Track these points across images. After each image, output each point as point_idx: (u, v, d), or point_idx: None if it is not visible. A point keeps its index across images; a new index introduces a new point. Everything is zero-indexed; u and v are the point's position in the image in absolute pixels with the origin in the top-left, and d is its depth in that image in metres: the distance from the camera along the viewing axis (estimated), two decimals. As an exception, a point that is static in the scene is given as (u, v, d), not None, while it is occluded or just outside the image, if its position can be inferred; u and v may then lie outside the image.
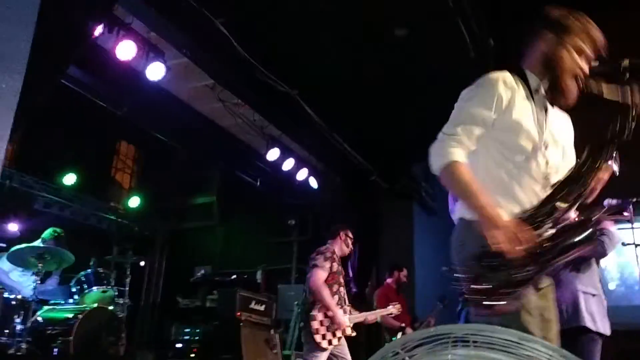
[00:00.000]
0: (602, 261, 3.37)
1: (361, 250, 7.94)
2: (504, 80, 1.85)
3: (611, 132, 1.76)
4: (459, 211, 1.91)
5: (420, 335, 1.31)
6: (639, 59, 1.80)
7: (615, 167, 1.91)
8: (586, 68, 1.86)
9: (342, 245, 4.72)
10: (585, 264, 3.20)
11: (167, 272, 9.02)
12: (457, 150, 1.79)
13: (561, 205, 1.74)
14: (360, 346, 6.61)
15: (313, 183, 7.40)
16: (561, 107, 1.97)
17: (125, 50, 4.71)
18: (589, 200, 1.99)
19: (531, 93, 1.90)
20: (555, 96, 1.91)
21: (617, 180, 2.02)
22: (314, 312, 4.16)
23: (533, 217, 1.74)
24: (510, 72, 1.92)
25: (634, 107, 1.75)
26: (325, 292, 4.21)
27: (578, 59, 1.86)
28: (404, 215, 8.48)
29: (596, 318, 3.09)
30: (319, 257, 4.48)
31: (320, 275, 4.30)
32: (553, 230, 1.71)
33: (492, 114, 1.82)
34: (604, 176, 1.85)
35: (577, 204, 1.76)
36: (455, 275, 1.77)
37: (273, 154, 6.62)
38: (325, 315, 4.20)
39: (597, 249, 3.09)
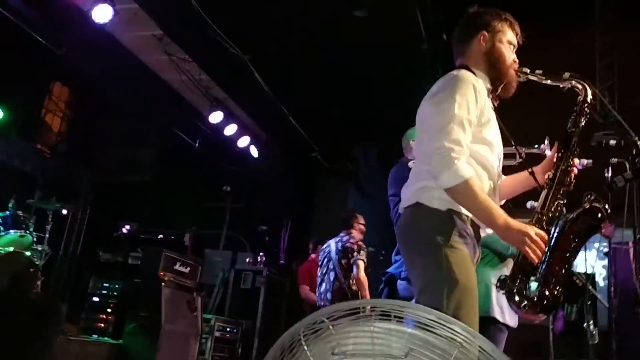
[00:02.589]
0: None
1: (293, 224, 8.00)
2: (476, 80, 1.94)
3: (572, 125, 1.98)
4: (415, 196, 1.93)
5: (347, 307, 1.35)
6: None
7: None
8: (516, 58, 2.06)
9: (359, 233, 5.10)
10: (500, 261, 3.36)
11: (91, 224, 8.66)
12: (466, 165, 1.80)
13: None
14: (281, 318, 6.73)
15: (253, 152, 7.34)
16: (500, 100, 2.08)
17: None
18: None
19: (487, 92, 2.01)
20: (499, 91, 2.04)
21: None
22: None
23: (540, 219, 1.89)
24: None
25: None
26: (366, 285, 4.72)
27: (511, 52, 2.06)
28: (339, 195, 8.58)
29: (505, 311, 3.25)
30: (362, 253, 4.88)
31: (363, 269, 4.80)
32: (558, 230, 1.87)
33: (476, 113, 1.90)
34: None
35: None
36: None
37: (216, 117, 6.48)
38: None
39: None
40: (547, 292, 1.85)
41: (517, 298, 1.87)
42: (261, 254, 7.06)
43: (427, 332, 1.23)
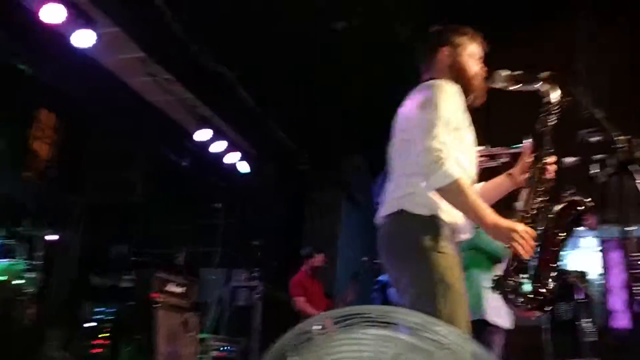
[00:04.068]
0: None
1: (286, 238, 7.98)
2: (457, 89, 2.02)
3: (542, 126, 2.08)
4: (398, 203, 1.95)
5: (334, 315, 1.36)
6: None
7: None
8: (482, 69, 2.16)
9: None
10: (491, 264, 3.38)
11: (83, 249, 8.62)
12: (454, 166, 1.83)
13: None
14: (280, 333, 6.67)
15: (243, 167, 7.34)
16: (470, 109, 2.14)
17: (52, 13, 4.45)
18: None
19: None
20: (469, 101, 2.10)
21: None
22: None
23: (524, 217, 1.95)
24: None
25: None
26: None
27: (476, 63, 2.16)
28: (331, 205, 8.58)
29: (498, 313, 3.27)
30: None
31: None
32: (542, 228, 1.93)
33: (459, 118, 1.97)
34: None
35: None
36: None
37: (202, 135, 6.49)
38: None
39: None
40: (540, 289, 1.88)
41: (512, 297, 1.91)
42: (256, 269, 7.02)
43: (414, 336, 1.25)
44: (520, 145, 2.55)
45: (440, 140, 1.84)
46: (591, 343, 4.60)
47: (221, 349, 5.97)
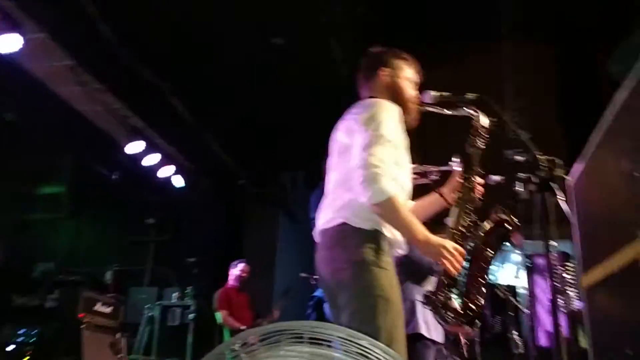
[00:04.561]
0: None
1: (222, 255, 7.82)
2: (397, 109, 2.06)
3: (471, 146, 2.17)
4: (339, 216, 1.94)
5: (260, 332, 1.31)
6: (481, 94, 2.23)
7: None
8: (417, 94, 2.24)
9: None
10: (424, 278, 3.44)
11: (4, 267, 8.11)
12: (389, 183, 1.85)
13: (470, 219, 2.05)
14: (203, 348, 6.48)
15: (177, 181, 7.15)
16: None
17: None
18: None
19: None
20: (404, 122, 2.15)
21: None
22: None
23: (454, 234, 2.01)
24: None
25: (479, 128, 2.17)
26: None
27: (411, 87, 2.23)
28: (270, 221, 8.51)
29: (430, 326, 3.31)
30: None
31: None
32: (471, 245, 1.99)
33: (397, 135, 1.99)
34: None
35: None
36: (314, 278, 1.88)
37: (134, 147, 6.27)
38: None
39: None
40: (469, 304, 1.91)
41: (442, 312, 1.94)
42: (190, 287, 6.83)
43: (339, 351, 1.22)
44: (451, 163, 2.63)
45: (379, 157, 1.86)
46: (520, 355, 4.73)
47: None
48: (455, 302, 1.94)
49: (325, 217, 2.00)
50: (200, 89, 5.63)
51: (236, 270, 6.13)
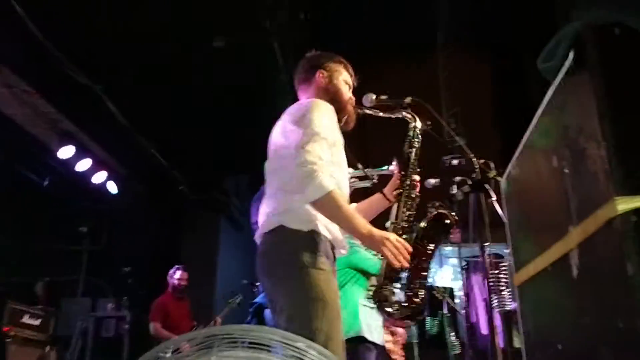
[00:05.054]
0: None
1: (160, 264, 7.60)
2: (331, 107, 2.07)
3: (408, 147, 2.24)
4: (276, 219, 1.92)
5: (192, 337, 1.25)
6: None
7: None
8: (352, 97, 2.27)
9: None
10: (366, 280, 3.45)
11: None
12: (328, 178, 1.84)
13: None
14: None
15: (112, 187, 6.88)
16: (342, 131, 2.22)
17: None
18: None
19: None
20: (341, 124, 2.16)
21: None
22: None
23: (395, 229, 2.03)
24: None
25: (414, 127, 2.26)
26: None
27: (348, 90, 2.27)
28: (210, 228, 8.35)
29: (372, 330, 3.33)
30: None
31: None
32: (413, 239, 2.01)
33: (333, 134, 1.99)
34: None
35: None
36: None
37: (66, 152, 6.00)
38: None
39: None
40: (412, 297, 1.93)
41: (385, 306, 1.96)
42: (124, 298, 6.58)
43: (275, 354, 1.18)
44: (389, 167, 2.67)
45: (315, 154, 1.85)
46: (456, 356, 4.83)
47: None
48: (398, 295, 1.95)
49: (264, 221, 1.97)
50: (136, 90, 5.43)
51: (174, 278, 5.94)
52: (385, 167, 2.74)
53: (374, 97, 2.30)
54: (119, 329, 6.17)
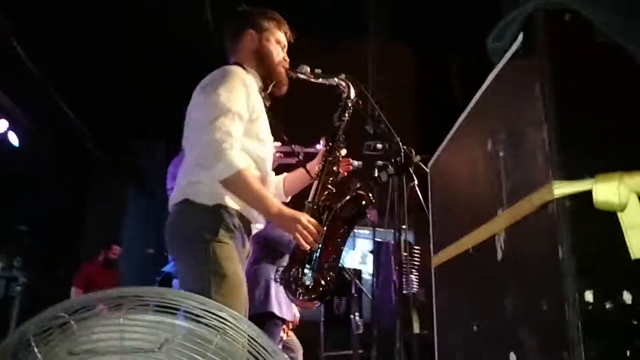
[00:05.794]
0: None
1: (60, 225, 7.16)
2: (246, 76, 1.96)
3: (338, 119, 2.16)
4: (183, 192, 1.88)
5: (99, 297, 1.14)
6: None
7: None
8: (286, 58, 2.16)
9: None
10: (280, 256, 3.44)
11: None
12: (237, 157, 1.78)
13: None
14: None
15: (12, 139, 6.33)
16: (273, 98, 2.15)
17: None
18: None
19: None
20: (271, 88, 2.10)
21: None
22: None
23: (312, 209, 1.96)
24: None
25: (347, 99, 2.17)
26: None
27: (281, 50, 2.14)
28: (118, 192, 7.98)
29: (282, 306, 3.33)
30: None
31: None
32: (326, 220, 1.96)
33: (246, 107, 1.89)
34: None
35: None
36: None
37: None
38: None
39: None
40: (321, 279, 1.92)
41: (293, 287, 1.92)
42: (18, 258, 6.15)
43: (187, 320, 1.11)
44: (318, 145, 2.62)
45: (224, 130, 1.78)
46: (359, 335, 4.95)
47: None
48: (307, 277, 1.92)
49: (175, 192, 1.93)
50: (48, 33, 4.94)
51: (110, 251, 6.24)
52: (317, 147, 2.70)
53: (307, 69, 2.20)
54: (9, 290, 5.80)
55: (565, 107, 0.99)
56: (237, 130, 1.82)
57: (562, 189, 0.95)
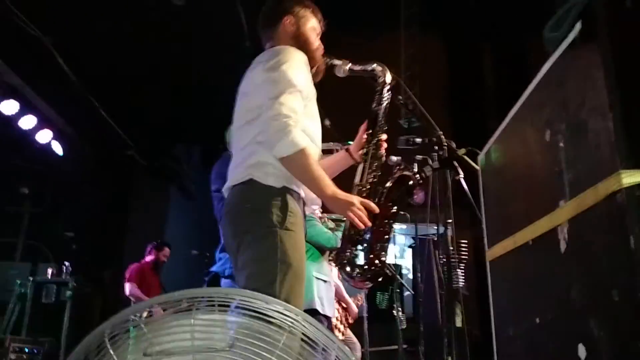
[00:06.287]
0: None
1: (105, 230, 7.36)
2: (305, 57, 1.96)
3: (377, 104, 2.12)
4: (248, 172, 1.83)
5: (168, 299, 1.18)
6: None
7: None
8: (321, 45, 2.13)
9: None
10: (322, 254, 3.45)
11: None
12: (301, 134, 1.76)
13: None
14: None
15: (57, 148, 6.54)
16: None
17: None
18: None
19: None
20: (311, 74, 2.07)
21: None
22: None
23: (360, 191, 1.95)
24: None
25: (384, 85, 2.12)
26: None
27: (316, 38, 2.12)
28: (160, 196, 8.15)
29: (324, 302, 3.34)
30: None
31: None
32: (375, 201, 1.94)
33: (308, 84, 1.89)
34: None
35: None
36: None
37: (8, 107, 5.63)
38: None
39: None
40: (374, 260, 1.91)
41: (348, 268, 1.92)
42: (67, 263, 6.35)
43: (253, 319, 1.13)
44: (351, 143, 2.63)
45: (289, 106, 1.77)
46: (403, 331, 4.94)
47: (25, 350, 5.30)
48: (360, 258, 1.92)
49: (233, 174, 1.88)
50: (89, 47, 5.11)
51: (162, 253, 6.26)
52: (350, 142, 2.70)
53: (344, 60, 2.16)
54: (60, 296, 5.96)
55: (631, 95, 0.96)
56: (300, 107, 1.81)
57: (631, 177, 0.93)
